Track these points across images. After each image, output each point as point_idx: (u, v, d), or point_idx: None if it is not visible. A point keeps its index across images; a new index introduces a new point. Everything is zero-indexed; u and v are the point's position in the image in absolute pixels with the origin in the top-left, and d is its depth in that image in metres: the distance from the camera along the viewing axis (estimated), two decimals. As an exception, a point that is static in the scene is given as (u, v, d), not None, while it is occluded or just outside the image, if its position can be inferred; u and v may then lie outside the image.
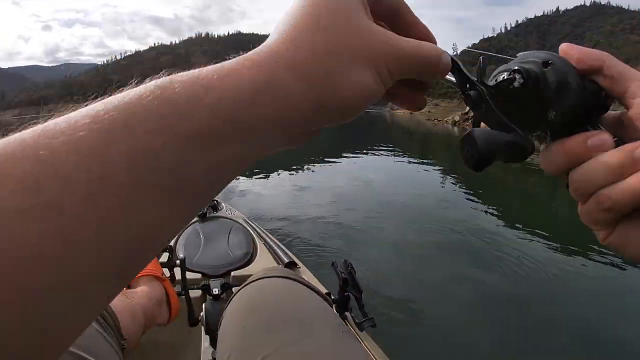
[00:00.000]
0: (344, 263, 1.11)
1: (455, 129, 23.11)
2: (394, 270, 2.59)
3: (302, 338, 0.50)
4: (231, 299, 0.63)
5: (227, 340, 0.56)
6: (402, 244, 3.16)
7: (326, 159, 8.38)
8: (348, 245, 3.05)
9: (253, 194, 4.65)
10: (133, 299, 0.80)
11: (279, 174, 6.29)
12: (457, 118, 26.54)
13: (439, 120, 32.62)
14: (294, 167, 7.03)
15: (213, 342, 0.92)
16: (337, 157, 8.87)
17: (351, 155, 9.59)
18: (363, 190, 5.35)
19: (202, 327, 0.94)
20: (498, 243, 3.26)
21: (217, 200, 1.94)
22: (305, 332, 0.51)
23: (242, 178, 5.48)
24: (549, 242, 3.25)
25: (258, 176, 5.83)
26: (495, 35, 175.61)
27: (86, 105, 0.20)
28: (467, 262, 2.81)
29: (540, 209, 5.06)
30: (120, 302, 0.73)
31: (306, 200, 4.55)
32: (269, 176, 5.96)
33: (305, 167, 7.21)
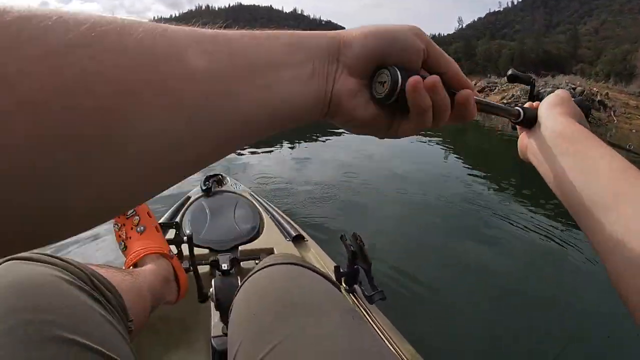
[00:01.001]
0: (353, 236, 1.09)
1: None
2: (401, 242, 2.57)
3: (312, 324, 0.49)
4: (241, 286, 0.62)
5: (237, 328, 0.55)
6: (408, 217, 3.14)
7: (328, 131, 8.31)
8: (354, 217, 3.03)
9: (256, 168, 4.62)
10: (139, 278, 0.79)
11: (280, 148, 6.24)
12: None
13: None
14: (295, 140, 6.98)
15: (223, 318, 0.92)
16: (337, 129, 8.78)
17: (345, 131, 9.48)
18: (366, 163, 5.30)
19: (212, 303, 0.93)
20: (506, 218, 3.24)
21: (222, 175, 1.92)
22: (315, 319, 0.51)
23: (245, 152, 5.45)
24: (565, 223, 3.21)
25: (260, 149, 5.79)
26: (501, 9, 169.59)
27: None
28: (476, 236, 2.79)
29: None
30: (126, 283, 0.71)
31: (309, 173, 4.52)
32: (271, 150, 5.92)
33: (306, 140, 7.15)
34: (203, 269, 1.16)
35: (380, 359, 0.47)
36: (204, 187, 1.73)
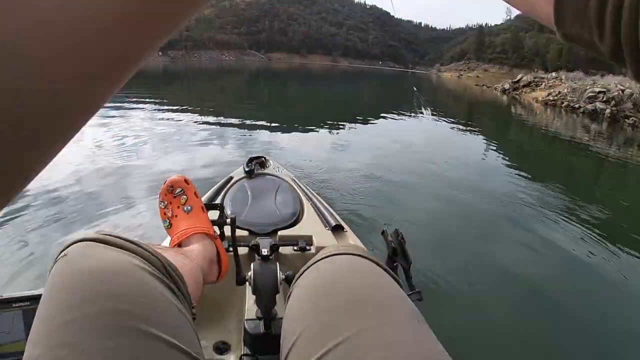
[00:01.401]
0: (395, 232, 1.06)
1: (505, 97, 21.88)
2: (436, 240, 2.53)
3: (380, 324, 0.48)
4: (303, 272, 0.61)
5: (298, 315, 0.54)
6: (445, 214, 3.08)
7: (367, 119, 8.22)
8: (392, 211, 3.00)
9: (294, 153, 4.62)
10: (194, 261, 0.79)
11: (318, 132, 6.23)
12: (507, 86, 25.09)
13: (488, 87, 31.06)
14: (335, 124, 6.95)
15: (259, 301, 0.92)
16: (376, 118, 8.67)
17: (392, 116, 9.34)
18: (405, 154, 5.22)
19: (249, 286, 0.93)
20: (544, 221, 3.12)
21: (265, 157, 1.92)
22: (384, 318, 0.49)
23: (284, 135, 5.48)
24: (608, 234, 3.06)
25: (298, 133, 5.80)
26: None
27: None
28: (513, 239, 2.70)
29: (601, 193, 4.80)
30: (186, 267, 0.71)
31: (347, 161, 4.49)
32: (307, 134, 5.92)
33: (347, 125, 7.10)
34: (242, 251, 1.16)
35: None
36: (246, 169, 1.74)
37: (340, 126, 6.96)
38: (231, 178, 1.72)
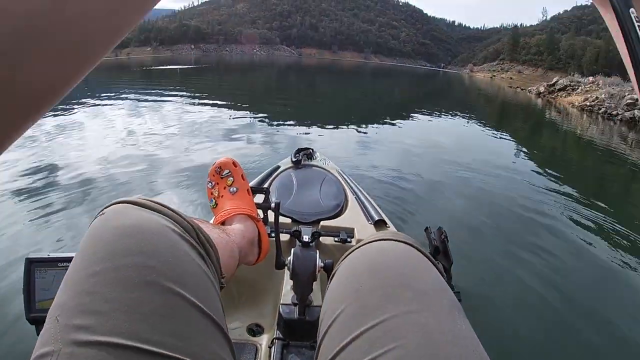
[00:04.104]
0: (438, 230, 1.05)
1: (539, 100, 21.20)
2: (478, 243, 2.49)
3: (420, 310, 0.48)
4: (348, 254, 0.61)
5: (339, 296, 0.54)
6: (485, 217, 3.02)
7: (398, 117, 8.15)
8: (432, 210, 2.99)
9: (329, 147, 4.64)
10: (231, 237, 0.81)
11: (351, 128, 6.21)
12: (542, 89, 24.30)
13: (522, 89, 30.20)
14: (367, 121, 6.92)
15: (296, 287, 0.94)
16: (407, 116, 8.59)
17: (423, 115, 9.22)
18: (439, 155, 5.16)
19: (287, 271, 0.94)
20: (577, 228, 3.03)
21: (312, 149, 1.94)
22: (423, 304, 0.49)
23: (318, 128, 5.50)
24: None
25: (330, 128, 5.80)
26: (589, 3, 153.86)
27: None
28: (547, 245, 2.62)
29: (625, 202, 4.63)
30: (221, 240, 0.73)
31: (382, 158, 4.49)
32: (340, 130, 5.91)
33: (378, 123, 7.06)
34: (284, 237, 1.20)
35: (480, 358, 0.44)
36: (294, 159, 1.77)
37: (372, 123, 6.94)
38: (278, 167, 1.75)
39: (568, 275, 2.29)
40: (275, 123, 5.89)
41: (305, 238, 1.00)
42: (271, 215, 1.04)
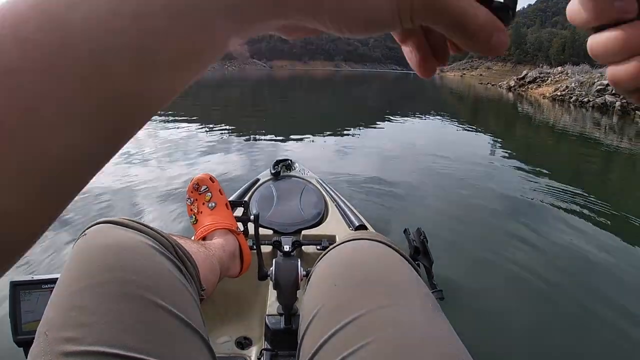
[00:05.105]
0: (417, 231, 1.07)
1: (511, 94, 21.71)
2: (457, 240, 2.51)
3: (393, 304, 0.50)
4: (324, 254, 0.63)
5: (317, 293, 0.57)
6: (463, 214, 3.04)
7: (372, 122, 8.23)
8: (411, 211, 3.01)
9: (307, 157, 4.66)
10: (211, 251, 0.83)
11: (328, 137, 6.25)
12: (512, 83, 24.94)
13: (492, 85, 30.94)
14: (343, 128, 6.97)
15: (280, 297, 0.94)
16: (382, 120, 8.68)
17: (397, 118, 9.33)
18: (416, 156, 5.22)
19: (270, 282, 0.95)
20: (556, 222, 3.10)
21: (291, 160, 1.96)
22: (396, 299, 0.51)
23: (304, 140, 5.53)
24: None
25: (307, 138, 5.83)
26: None
27: None
28: (528, 240, 2.66)
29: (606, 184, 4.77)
30: (201, 254, 0.76)
31: (359, 164, 4.51)
32: (317, 139, 5.94)
33: (353, 130, 7.11)
34: (265, 248, 1.22)
35: (455, 350, 0.46)
36: (273, 171, 1.79)
37: (348, 130, 6.98)
38: (258, 180, 1.77)
39: (550, 264, 2.31)
40: (252, 137, 5.88)
41: (286, 247, 1.00)
42: (251, 228, 1.04)
